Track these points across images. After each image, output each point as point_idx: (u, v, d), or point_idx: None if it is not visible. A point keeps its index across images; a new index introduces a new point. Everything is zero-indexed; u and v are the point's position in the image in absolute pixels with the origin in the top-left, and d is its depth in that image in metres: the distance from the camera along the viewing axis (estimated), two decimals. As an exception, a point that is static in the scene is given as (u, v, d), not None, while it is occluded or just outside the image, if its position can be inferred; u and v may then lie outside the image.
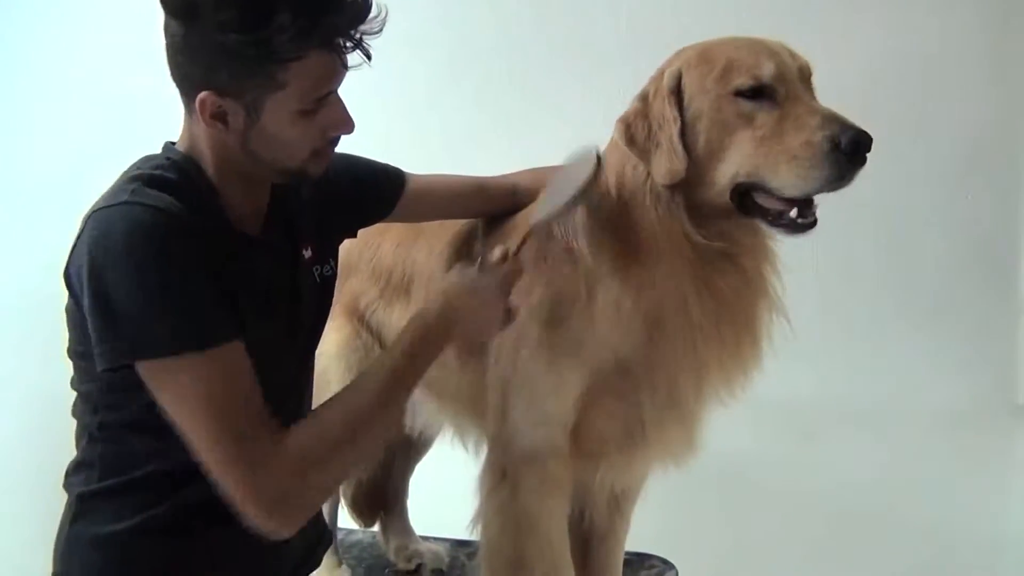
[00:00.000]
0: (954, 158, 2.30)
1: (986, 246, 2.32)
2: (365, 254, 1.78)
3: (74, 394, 1.29)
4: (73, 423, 1.30)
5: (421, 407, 1.82)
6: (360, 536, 2.16)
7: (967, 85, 2.28)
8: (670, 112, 1.31)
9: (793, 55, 1.32)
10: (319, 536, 1.50)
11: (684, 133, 1.31)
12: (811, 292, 2.30)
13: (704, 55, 1.33)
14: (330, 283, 1.42)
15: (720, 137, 1.29)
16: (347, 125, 1.23)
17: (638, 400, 1.43)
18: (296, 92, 1.15)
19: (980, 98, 2.27)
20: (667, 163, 1.30)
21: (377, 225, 1.75)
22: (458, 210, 1.62)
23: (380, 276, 1.76)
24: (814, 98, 1.32)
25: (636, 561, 1.98)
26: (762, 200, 1.31)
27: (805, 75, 1.32)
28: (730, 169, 1.29)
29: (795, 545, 2.47)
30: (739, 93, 1.27)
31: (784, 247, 1.45)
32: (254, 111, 1.16)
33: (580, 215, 1.42)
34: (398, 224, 1.72)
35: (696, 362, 1.40)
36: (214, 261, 1.14)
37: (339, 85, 1.21)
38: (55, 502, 1.30)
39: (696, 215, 1.35)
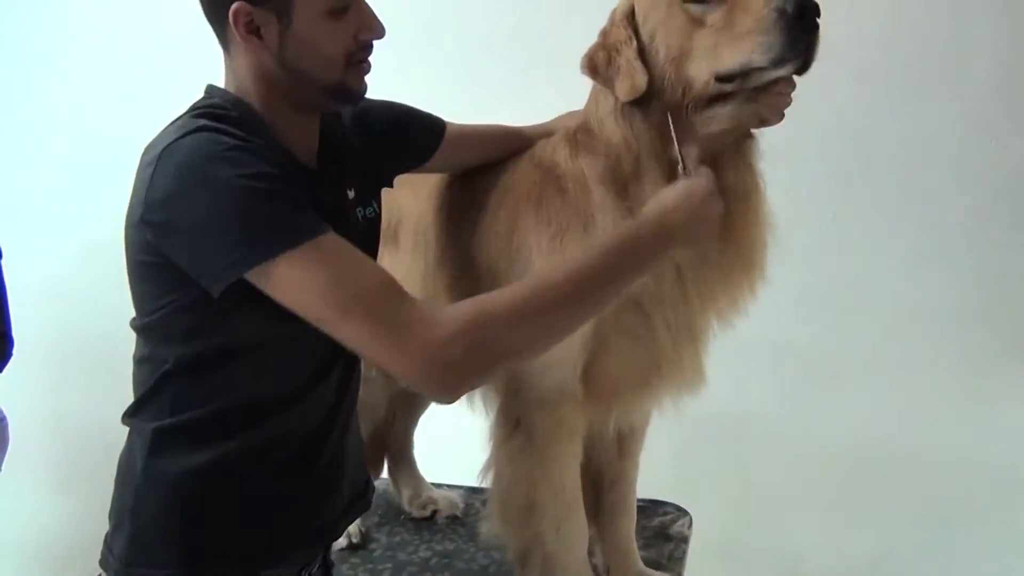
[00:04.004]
0: (978, 99, 2.25)
1: (1009, 189, 2.28)
2: None
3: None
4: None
5: None
6: (374, 484, 2.18)
7: (995, 23, 2.21)
8: (624, 34, 1.36)
9: None
10: (366, 480, 1.52)
11: (642, 52, 1.36)
12: (829, 236, 2.27)
13: None
14: (374, 225, 1.43)
15: (679, 43, 1.34)
16: (377, 27, 1.25)
17: (652, 335, 1.43)
18: None
19: (1007, 36, 2.21)
20: (628, 80, 1.36)
21: None
22: (495, 156, 1.62)
23: None
24: None
25: (650, 508, 1.99)
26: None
27: None
28: (704, 65, 1.33)
29: (809, 491, 2.48)
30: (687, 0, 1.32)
31: (802, 191, 1.42)
32: (286, 16, 1.18)
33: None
34: None
35: (701, 285, 1.42)
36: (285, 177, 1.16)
37: None
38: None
39: (666, 131, 1.37)
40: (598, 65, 1.40)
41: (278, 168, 1.15)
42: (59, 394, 3.04)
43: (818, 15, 1.25)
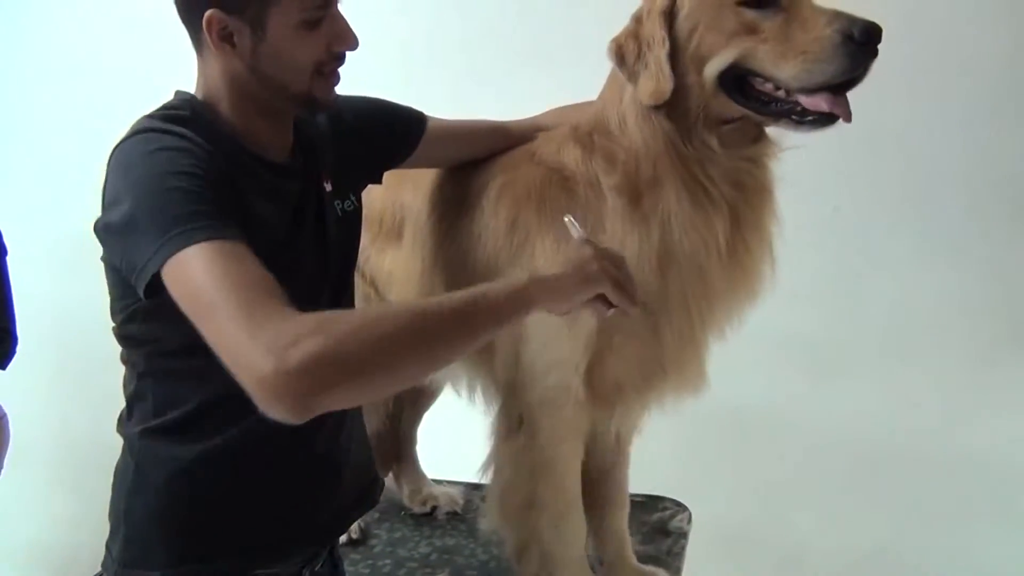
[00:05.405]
0: (982, 92, 2.23)
1: (1010, 181, 2.26)
2: None
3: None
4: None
5: None
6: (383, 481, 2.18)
7: (999, 18, 2.20)
8: (659, 33, 1.31)
9: None
10: (372, 479, 1.52)
11: (674, 55, 1.31)
12: (831, 229, 2.26)
13: None
14: (353, 218, 1.42)
15: (716, 42, 1.29)
16: (350, 38, 1.24)
17: (655, 335, 1.42)
18: (298, 0, 1.17)
19: (1011, 31, 2.20)
20: (653, 83, 1.31)
21: None
22: (480, 150, 1.61)
23: (372, 222, 1.72)
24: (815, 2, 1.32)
25: (649, 503, 1.99)
26: (759, 85, 1.31)
27: None
28: (719, 61, 1.30)
29: (809, 486, 2.48)
30: (743, 3, 1.27)
31: (806, 185, 1.41)
32: (259, 26, 1.17)
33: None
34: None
35: (705, 287, 1.40)
36: (230, 178, 1.15)
37: None
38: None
39: (685, 132, 1.35)
40: (626, 55, 1.35)
41: (230, 163, 1.15)
42: (63, 395, 3.05)
43: (880, 39, 1.20)
